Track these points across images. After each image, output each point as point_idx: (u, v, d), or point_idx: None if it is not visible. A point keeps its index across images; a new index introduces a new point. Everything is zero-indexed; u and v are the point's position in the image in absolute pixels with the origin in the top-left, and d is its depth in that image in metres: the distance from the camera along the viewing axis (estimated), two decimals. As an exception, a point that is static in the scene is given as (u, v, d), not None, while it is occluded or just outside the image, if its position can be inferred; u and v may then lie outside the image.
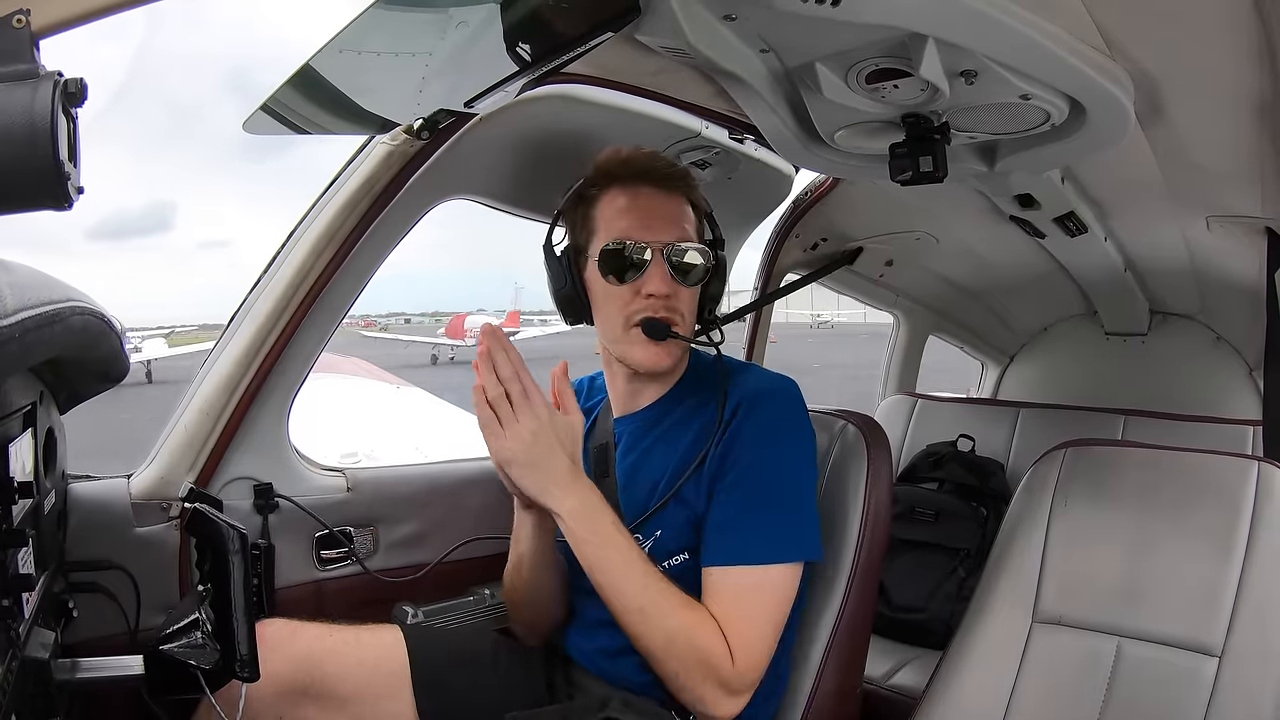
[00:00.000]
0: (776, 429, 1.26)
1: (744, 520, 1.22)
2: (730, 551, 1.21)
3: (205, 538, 1.13)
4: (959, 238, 2.27)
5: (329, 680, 1.25)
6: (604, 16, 1.03)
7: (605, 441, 1.40)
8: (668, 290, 1.27)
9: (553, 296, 1.36)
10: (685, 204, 1.33)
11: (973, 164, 1.46)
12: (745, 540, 1.21)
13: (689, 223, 1.32)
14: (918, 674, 2.07)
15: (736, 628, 1.18)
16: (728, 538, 1.22)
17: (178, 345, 25.78)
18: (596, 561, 1.18)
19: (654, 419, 1.37)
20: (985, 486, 2.42)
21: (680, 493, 1.26)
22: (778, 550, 1.22)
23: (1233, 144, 1.42)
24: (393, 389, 6.33)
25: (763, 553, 1.21)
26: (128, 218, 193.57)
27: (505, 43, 1.08)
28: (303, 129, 1.18)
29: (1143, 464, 1.56)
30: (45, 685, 0.96)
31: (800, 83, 1.23)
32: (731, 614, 1.19)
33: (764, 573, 1.21)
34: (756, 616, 1.20)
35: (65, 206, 0.63)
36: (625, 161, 1.31)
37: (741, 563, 1.20)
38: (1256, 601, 1.36)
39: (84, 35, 0.67)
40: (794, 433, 1.28)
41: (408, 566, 1.67)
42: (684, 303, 1.30)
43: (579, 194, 1.34)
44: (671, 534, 1.27)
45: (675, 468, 1.29)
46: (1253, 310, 2.11)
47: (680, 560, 1.27)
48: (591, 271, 1.31)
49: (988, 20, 1.00)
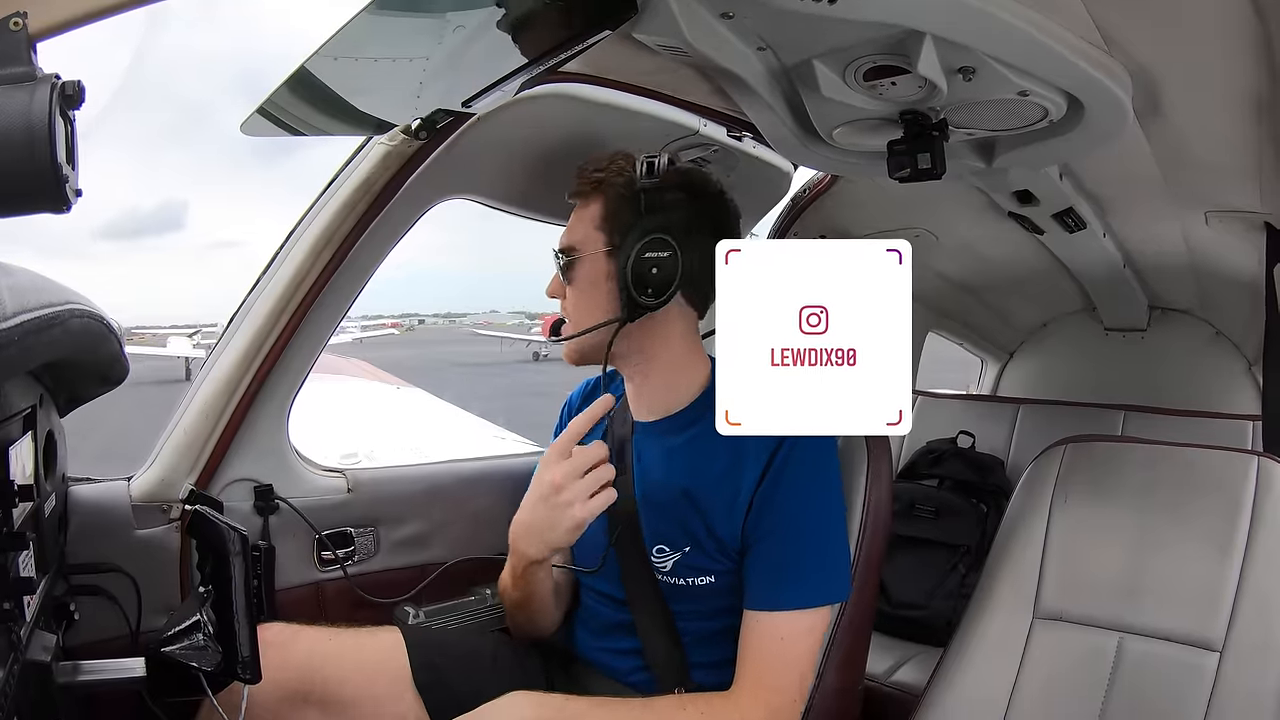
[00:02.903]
0: (819, 473, 1.25)
1: (792, 568, 1.22)
2: (779, 598, 1.21)
3: (206, 540, 1.13)
4: (957, 234, 2.26)
5: (330, 685, 1.25)
6: (601, 14, 1.03)
7: (624, 439, 1.39)
8: (557, 294, 1.36)
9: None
10: (591, 205, 1.32)
11: (971, 161, 1.46)
12: (793, 588, 1.21)
13: (586, 223, 1.32)
14: (919, 671, 2.07)
15: (775, 670, 1.19)
16: (776, 584, 1.22)
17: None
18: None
19: (678, 427, 1.34)
20: (985, 483, 2.42)
21: (709, 520, 1.26)
22: (823, 594, 1.23)
23: (1231, 139, 1.42)
24: (393, 389, 6.33)
25: (809, 598, 1.21)
26: (140, 216, 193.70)
27: (502, 42, 1.08)
28: (300, 131, 1.18)
29: (1142, 460, 1.56)
30: (47, 688, 0.97)
31: (798, 80, 1.23)
32: (772, 657, 1.20)
33: (807, 616, 1.21)
34: (796, 658, 1.21)
35: (63, 209, 0.63)
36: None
37: (788, 608, 1.21)
38: (1257, 596, 1.36)
39: (91, 39, 0.67)
40: (833, 473, 1.27)
41: (409, 567, 1.67)
42: (570, 303, 1.34)
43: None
44: (699, 555, 1.27)
45: (704, 488, 1.27)
46: (1252, 305, 2.12)
47: (705, 581, 1.27)
48: None
49: (985, 17, 1.00)
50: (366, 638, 1.33)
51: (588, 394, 1.51)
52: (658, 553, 1.29)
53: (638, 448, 1.37)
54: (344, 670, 1.27)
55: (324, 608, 1.57)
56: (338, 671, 1.26)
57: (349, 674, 1.27)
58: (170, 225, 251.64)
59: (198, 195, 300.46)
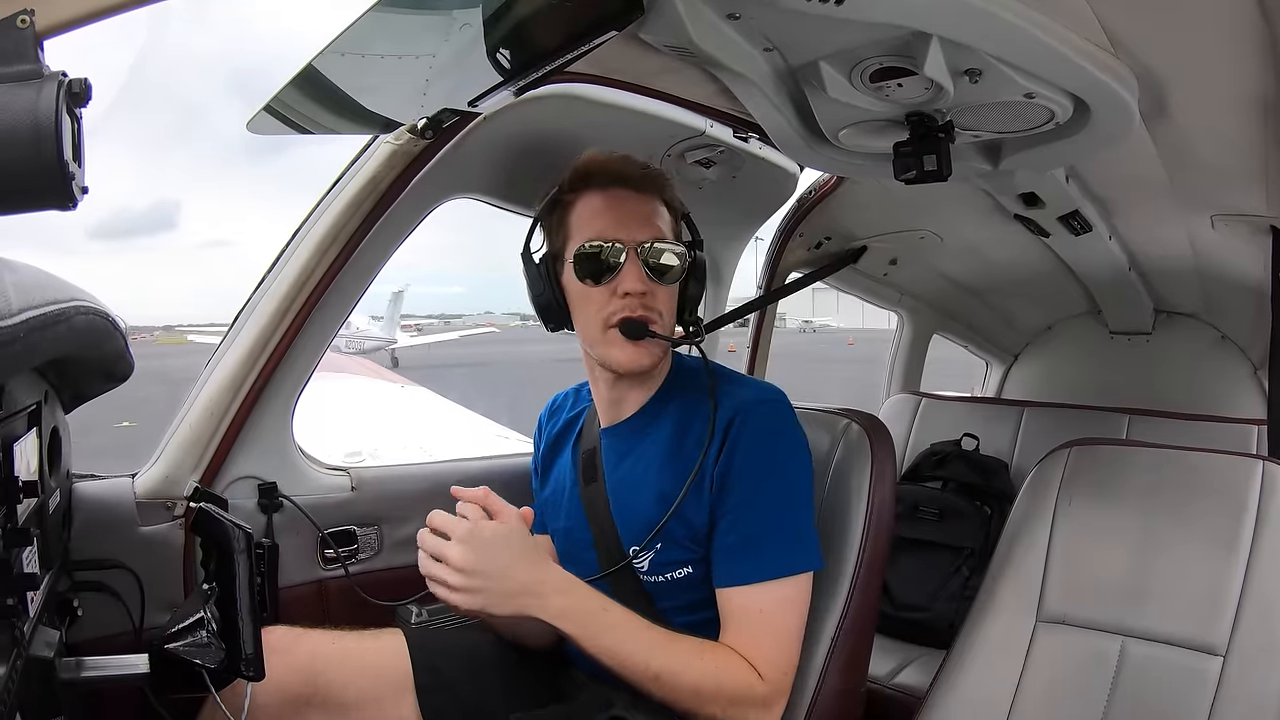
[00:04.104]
0: (775, 442, 1.25)
1: (756, 540, 1.22)
2: (746, 571, 1.21)
3: (210, 537, 1.13)
4: (963, 236, 2.26)
5: (332, 688, 1.25)
6: (607, 15, 1.03)
7: (592, 447, 1.40)
8: (644, 288, 1.26)
9: (532, 303, 1.35)
10: (660, 204, 1.32)
11: (977, 163, 1.46)
12: (759, 558, 1.21)
13: (664, 223, 1.31)
14: (921, 673, 2.07)
15: (761, 644, 1.19)
16: (742, 558, 1.22)
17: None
18: (600, 649, 1.16)
19: (641, 426, 1.35)
20: (989, 486, 2.41)
21: (680, 508, 1.25)
22: (791, 563, 1.22)
23: (1237, 142, 1.42)
24: (397, 388, 6.33)
25: (778, 567, 1.21)
26: (131, 216, 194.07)
27: (508, 41, 1.08)
28: (307, 129, 1.18)
29: (1147, 463, 1.55)
30: (50, 684, 0.97)
31: (804, 81, 1.23)
32: (755, 631, 1.20)
33: (780, 586, 1.21)
34: (780, 630, 1.21)
35: (70, 206, 0.63)
36: (600, 165, 1.31)
37: (758, 580, 1.21)
38: (1261, 601, 1.36)
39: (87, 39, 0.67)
40: (792, 443, 1.27)
41: (412, 565, 1.66)
42: (661, 301, 1.28)
43: (554, 199, 1.32)
44: (672, 548, 1.27)
45: (671, 480, 1.27)
46: (1257, 309, 2.11)
47: (684, 573, 1.28)
48: (568, 275, 1.29)
49: (992, 19, 0.99)
50: (369, 641, 1.33)
51: (555, 409, 1.53)
52: (634, 554, 1.30)
53: (605, 454, 1.38)
54: (346, 673, 1.27)
55: (327, 606, 1.58)
56: (340, 675, 1.27)
57: (351, 677, 1.27)
58: (163, 225, 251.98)
59: (190, 195, 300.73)
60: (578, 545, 1.38)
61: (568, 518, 1.40)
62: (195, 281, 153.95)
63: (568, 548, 1.40)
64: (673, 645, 1.18)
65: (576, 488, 1.40)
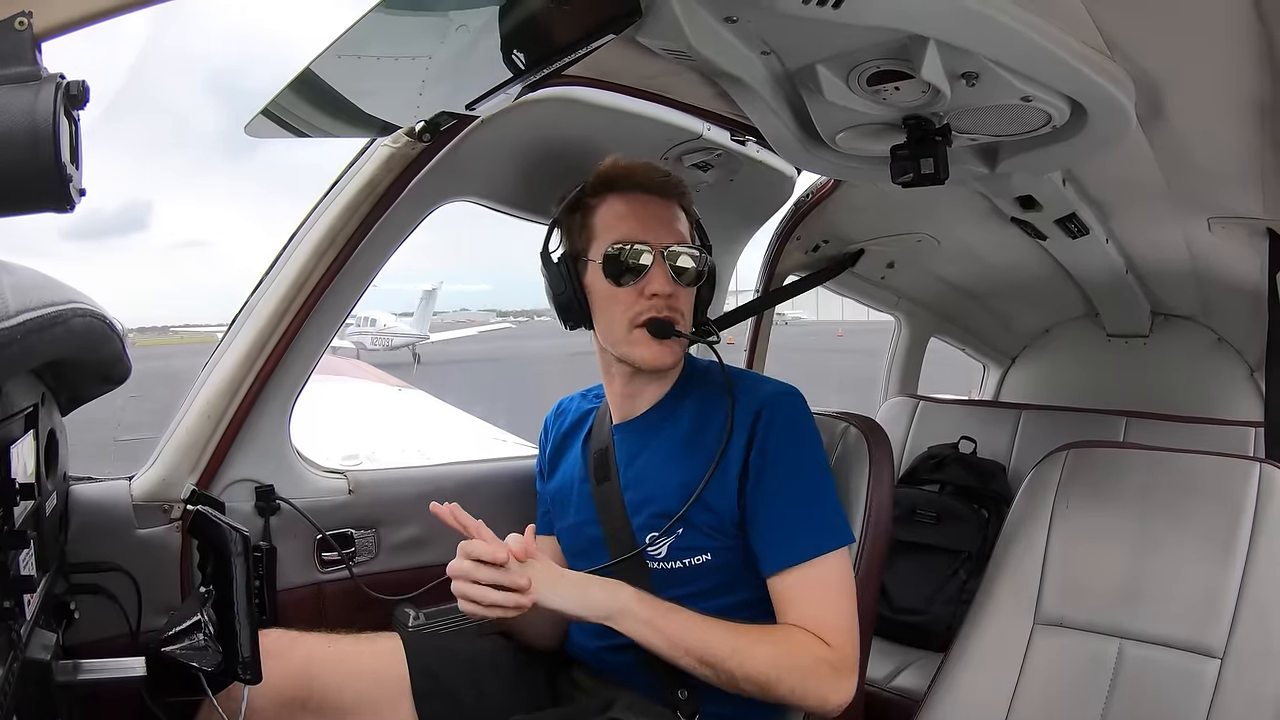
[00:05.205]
0: (803, 430, 1.31)
1: (800, 521, 1.26)
2: (794, 551, 1.25)
3: (207, 540, 1.13)
4: (960, 240, 2.26)
5: (329, 692, 1.25)
6: (605, 18, 1.03)
7: (605, 446, 1.40)
8: (670, 290, 1.30)
9: (551, 302, 1.38)
10: (679, 210, 1.37)
11: (974, 166, 1.46)
12: (805, 538, 1.25)
13: (684, 227, 1.36)
14: (919, 676, 2.06)
15: (823, 617, 1.23)
16: (788, 540, 1.25)
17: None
18: (677, 633, 1.19)
19: (656, 421, 1.37)
20: (987, 488, 2.42)
21: (703, 496, 1.28)
22: (831, 539, 1.26)
23: (1234, 145, 1.42)
24: (394, 391, 6.31)
25: (821, 544, 1.25)
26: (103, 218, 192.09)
27: (506, 45, 1.08)
28: (305, 132, 1.18)
29: (1144, 466, 1.55)
30: (47, 687, 0.96)
31: (801, 85, 1.24)
32: (815, 605, 1.24)
33: (826, 561, 1.25)
34: (835, 601, 1.25)
35: (67, 208, 0.63)
36: (625, 170, 1.35)
37: (807, 559, 1.24)
38: (1258, 603, 1.36)
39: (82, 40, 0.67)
40: (815, 431, 1.32)
41: (409, 568, 1.67)
42: (683, 302, 1.33)
43: (576, 201, 1.36)
44: (693, 534, 1.29)
45: (692, 469, 1.29)
46: (1254, 311, 2.11)
47: (702, 560, 1.29)
48: (592, 275, 1.33)
49: (989, 22, 1.00)
50: (365, 644, 1.33)
51: (561, 412, 1.54)
52: (650, 541, 1.30)
53: (619, 450, 1.39)
54: (342, 677, 1.27)
55: (324, 609, 1.57)
56: (336, 678, 1.27)
57: (347, 680, 1.27)
58: (134, 225, 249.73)
59: (162, 195, 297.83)
60: (587, 541, 1.38)
61: (577, 513, 1.41)
62: (169, 283, 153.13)
63: (577, 544, 1.41)
64: (739, 629, 1.21)
65: (587, 484, 1.40)
